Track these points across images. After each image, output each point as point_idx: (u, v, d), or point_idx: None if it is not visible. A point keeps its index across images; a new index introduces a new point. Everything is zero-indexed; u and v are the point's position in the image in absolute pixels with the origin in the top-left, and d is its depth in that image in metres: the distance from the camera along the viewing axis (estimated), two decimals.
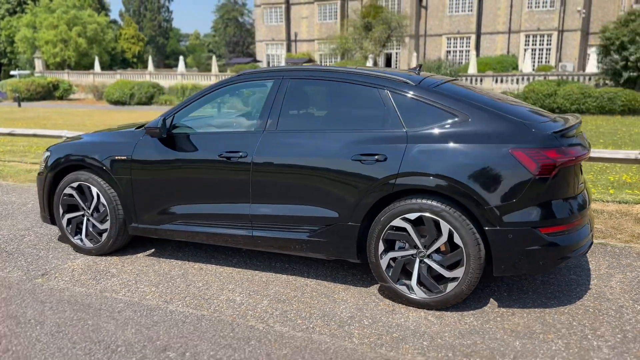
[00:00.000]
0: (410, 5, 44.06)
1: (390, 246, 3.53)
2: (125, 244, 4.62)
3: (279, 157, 3.75)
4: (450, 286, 3.36)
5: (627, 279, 3.93)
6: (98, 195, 4.41)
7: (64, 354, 2.99)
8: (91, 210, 4.49)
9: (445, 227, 3.30)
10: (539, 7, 41.93)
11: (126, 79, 39.62)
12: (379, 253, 3.52)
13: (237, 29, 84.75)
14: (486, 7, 44.37)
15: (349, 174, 3.53)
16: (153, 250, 4.70)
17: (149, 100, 36.14)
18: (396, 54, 44.86)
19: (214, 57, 41.89)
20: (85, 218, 4.56)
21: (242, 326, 3.28)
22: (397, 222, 3.43)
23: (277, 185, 3.78)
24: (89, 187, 4.43)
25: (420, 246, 3.42)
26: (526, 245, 3.20)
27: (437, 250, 3.41)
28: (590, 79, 26.92)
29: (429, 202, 3.32)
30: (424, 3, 46.32)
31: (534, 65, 39.59)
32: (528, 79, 28.43)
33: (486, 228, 3.22)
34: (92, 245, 4.54)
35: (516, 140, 3.23)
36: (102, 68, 50.47)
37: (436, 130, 3.40)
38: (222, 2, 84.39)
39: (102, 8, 65.74)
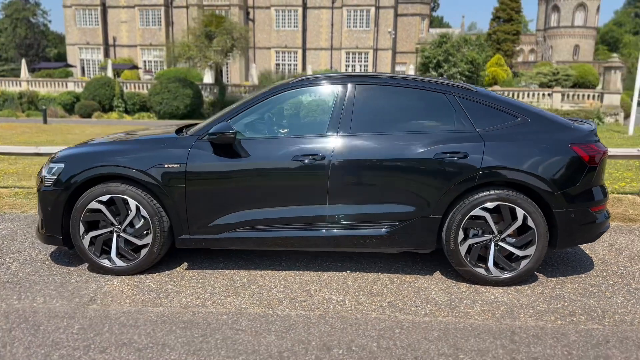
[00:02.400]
0: (239, 17, 44.75)
1: (466, 234, 4.00)
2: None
3: (360, 158, 3.95)
4: (523, 263, 3.95)
5: (607, 247, 4.98)
6: (137, 208, 4.04)
7: None
8: (124, 225, 4.09)
9: (520, 212, 3.88)
10: (356, 27, 46.04)
11: None
12: (459, 241, 3.96)
13: (30, 31, 75.80)
14: (310, 24, 47.20)
15: (432, 171, 3.91)
16: (186, 264, 4.44)
17: None
18: (227, 64, 45.02)
19: (23, 61, 37.12)
20: (114, 235, 4.12)
21: (369, 319, 3.44)
22: (477, 211, 3.91)
23: (357, 185, 3.97)
24: (124, 200, 4.04)
25: (495, 231, 3.95)
26: (582, 222, 3.95)
27: (508, 234, 3.98)
28: None
29: (507, 191, 3.88)
30: (251, 16, 47.40)
31: None
32: None
33: (555, 210, 3.89)
34: (124, 265, 4.13)
35: (568, 137, 3.97)
36: None
37: (505, 130, 3.98)
38: (10, 0, 74.60)
39: None
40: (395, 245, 4.07)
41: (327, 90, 4.29)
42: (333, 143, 3.98)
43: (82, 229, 4.09)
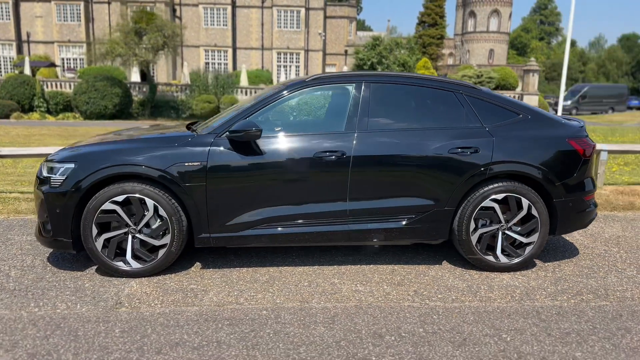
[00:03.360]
0: (165, 14, 43.42)
1: (477, 224, 4.25)
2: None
3: (379, 153, 4.09)
4: (528, 249, 4.27)
5: (583, 234, 5.45)
6: (155, 208, 3.96)
7: (299, 354, 2.90)
8: (140, 226, 3.99)
9: (525, 203, 4.19)
10: (287, 27, 46.14)
11: None
12: (470, 231, 4.21)
13: None
14: (239, 24, 46.72)
15: (447, 165, 4.13)
16: (199, 263, 4.39)
17: None
18: (155, 62, 43.60)
19: None
20: (129, 236, 4.01)
21: (404, 307, 3.60)
22: (487, 202, 4.18)
23: (376, 180, 4.12)
24: (142, 200, 3.94)
25: (502, 221, 4.24)
26: (578, 209, 4.33)
27: (514, 223, 4.28)
28: None
29: (514, 183, 4.18)
30: (177, 14, 46.20)
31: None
32: None
33: (555, 200, 4.23)
34: (141, 266, 4.02)
35: (565, 133, 4.33)
36: None
37: (510, 126, 4.27)
38: None
39: None
40: (412, 237, 4.26)
41: (343, 89, 4.39)
42: (352, 140, 4.09)
43: (94, 231, 3.94)
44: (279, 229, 4.11)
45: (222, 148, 4.00)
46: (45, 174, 4.08)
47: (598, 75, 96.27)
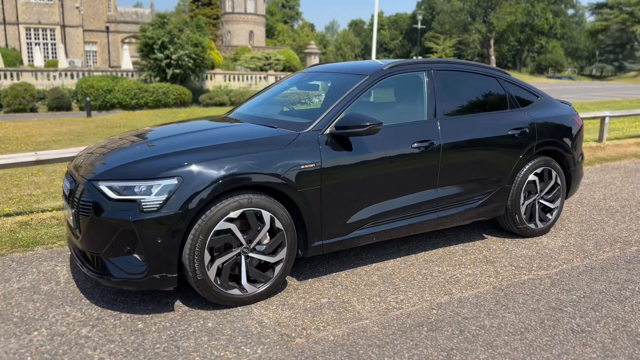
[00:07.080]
0: None
1: (524, 197, 4.74)
2: None
3: (461, 139, 4.23)
4: (554, 214, 4.96)
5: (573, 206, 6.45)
6: (272, 220, 3.42)
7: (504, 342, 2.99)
8: (254, 243, 3.41)
9: (554, 174, 4.86)
10: None
11: None
12: (520, 204, 4.70)
13: None
14: None
15: (508, 145, 4.50)
16: (289, 276, 3.92)
17: None
18: None
19: None
20: (243, 257, 3.39)
21: (526, 280, 3.89)
22: (531, 177, 4.71)
23: (461, 165, 4.26)
24: (257, 213, 3.37)
25: (539, 191, 4.83)
26: (579, 176, 5.19)
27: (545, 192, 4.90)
28: (132, 75, 28.69)
29: (547, 158, 4.78)
30: None
31: (44, 60, 37.79)
32: (71, 75, 27.54)
33: (571, 169, 5.00)
34: (257, 290, 3.45)
35: (569, 112, 5.11)
36: None
37: (537, 107, 4.84)
38: None
39: None
40: (482, 216, 4.54)
41: (415, 77, 4.33)
42: (437, 127, 4.15)
43: (207, 257, 3.23)
44: (383, 225, 3.96)
45: (328, 145, 3.65)
46: (113, 195, 3.13)
47: (337, 56, 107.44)
